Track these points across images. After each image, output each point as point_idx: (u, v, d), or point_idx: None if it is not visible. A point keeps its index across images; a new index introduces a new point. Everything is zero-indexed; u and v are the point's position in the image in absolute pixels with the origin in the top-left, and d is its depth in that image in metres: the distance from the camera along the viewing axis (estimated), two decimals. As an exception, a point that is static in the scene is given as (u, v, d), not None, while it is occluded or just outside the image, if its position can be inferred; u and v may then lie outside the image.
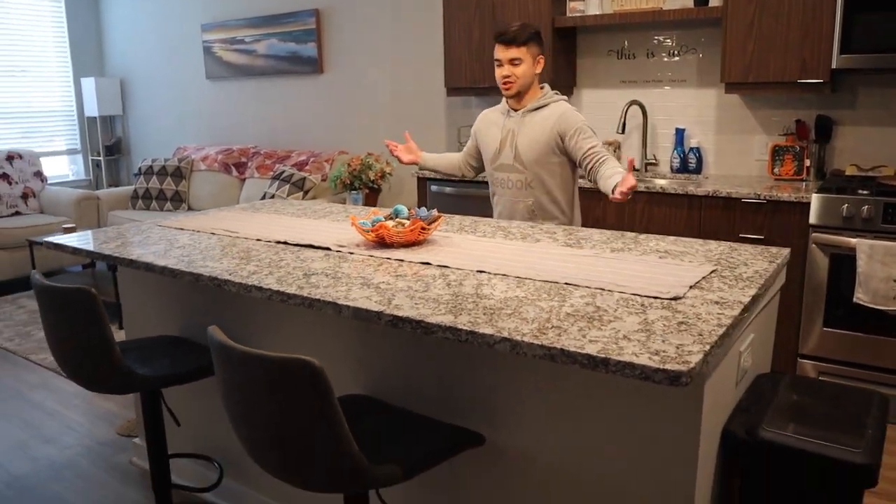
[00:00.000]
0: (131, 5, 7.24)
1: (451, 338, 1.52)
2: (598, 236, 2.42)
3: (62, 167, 7.57)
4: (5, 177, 6.38)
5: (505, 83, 2.74)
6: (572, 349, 1.38)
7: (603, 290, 1.78)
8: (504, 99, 2.86)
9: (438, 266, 2.03)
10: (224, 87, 6.57)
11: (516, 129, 2.80)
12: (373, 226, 2.26)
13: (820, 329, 3.40)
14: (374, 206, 4.98)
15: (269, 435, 1.49)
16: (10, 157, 6.50)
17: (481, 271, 1.97)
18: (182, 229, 2.69)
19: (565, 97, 2.87)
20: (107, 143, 7.57)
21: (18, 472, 3.04)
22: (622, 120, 4.25)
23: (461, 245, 2.29)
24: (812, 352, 3.44)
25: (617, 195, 2.39)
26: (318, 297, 1.72)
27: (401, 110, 5.38)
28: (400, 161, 3.05)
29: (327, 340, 2.13)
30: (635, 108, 4.42)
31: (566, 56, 4.48)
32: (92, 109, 7.28)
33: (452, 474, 1.94)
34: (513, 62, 2.70)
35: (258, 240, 2.44)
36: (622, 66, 4.45)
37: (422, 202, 4.59)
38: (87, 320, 2.00)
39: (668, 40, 4.27)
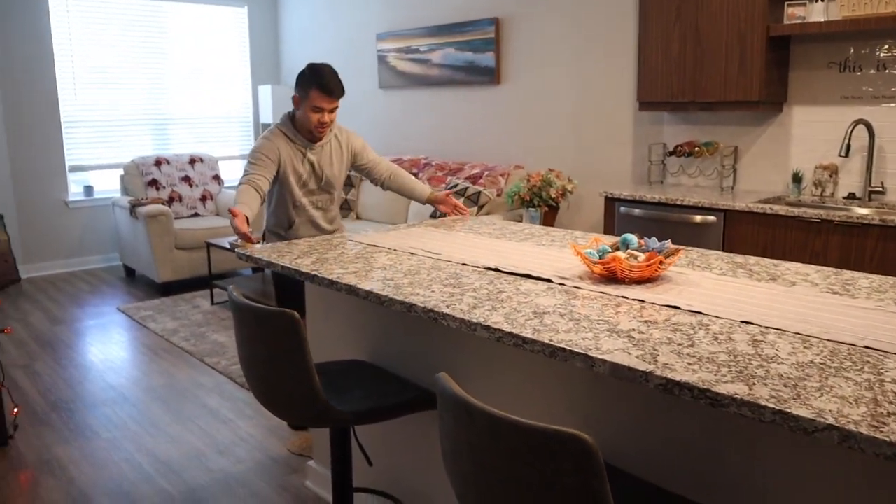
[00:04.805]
0: (309, 15, 7.38)
1: (749, 415, 1.19)
2: (864, 282, 2.00)
3: (236, 171, 7.82)
4: (187, 179, 6.63)
5: (323, 127, 3.12)
6: (942, 454, 1.02)
7: (925, 360, 1.39)
8: (287, 132, 3.15)
9: (689, 311, 1.71)
10: (396, 96, 6.52)
11: (317, 160, 3.22)
12: (601, 257, 1.96)
13: None
14: (552, 224, 4.70)
15: (511, 513, 1.23)
16: (193, 161, 6.75)
17: (747, 322, 1.62)
18: (376, 246, 2.51)
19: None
20: (278, 150, 7.75)
21: (194, 484, 2.98)
22: (846, 141, 3.73)
23: (701, 284, 1.95)
24: None
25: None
26: (563, 345, 1.45)
27: (583, 125, 5.07)
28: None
29: (544, 387, 1.85)
30: (860, 127, 3.88)
31: (778, 69, 4.01)
32: (267, 116, 7.47)
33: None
34: (333, 110, 3.11)
35: (464, 264, 2.21)
36: (844, 80, 3.91)
37: (608, 224, 4.25)
38: (288, 346, 1.84)
39: (908, 51, 3.71)
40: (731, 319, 1.64)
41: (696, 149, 4.33)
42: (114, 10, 6.76)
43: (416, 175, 5.76)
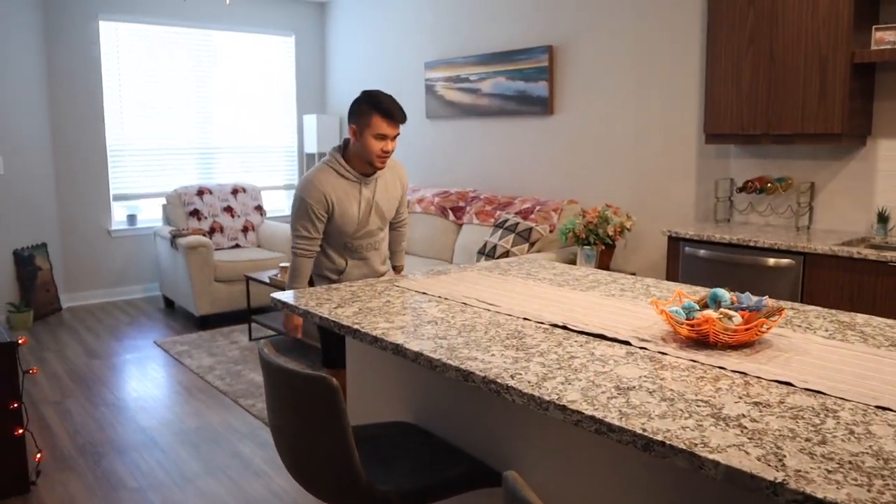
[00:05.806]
0: (356, 43, 7.25)
1: (928, 557, 0.90)
2: None
3: (279, 201, 7.69)
4: (229, 210, 6.49)
5: (386, 156, 2.88)
6: None
7: None
8: (338, 168, 2.91)
9: (804, 389, 1.41)
10: (445, 126, 6.32)
11: (372, 194, 2.99)
12: (689, 316, 1.68)
13: None
14: (609, 264, 4.39)
15: None
16: (236, 191, 6.62)
17: (883, 407, 1.32)
18: (426, 294, 2.26)
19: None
20: (322, 180, 7.59)
21: (222, 545, 2.74)
22: (941, 179, 3.38)
23: (810, 351, 1.65)
24: None
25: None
26: (660, 438, 1.16)
27: (643, 158, 4.78)
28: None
29: (629, 479, 1.56)
30: (956, 164, 3.52)
31: (862, 99, 3.68)
32: (311, 146, 7.33)
33: None
34: (395, 137, 2.87)
35: (526, 319, 1.94)
36: (938, 112, 3.57)
37: (671, 266, 3.94)
38: (323, 416, 1.59)
39: None
40: (862, 403, 1.34)
41: (769, 185, 4.00)
42: (162, 39, 6.72)
43: (463, 209, 5.52)
